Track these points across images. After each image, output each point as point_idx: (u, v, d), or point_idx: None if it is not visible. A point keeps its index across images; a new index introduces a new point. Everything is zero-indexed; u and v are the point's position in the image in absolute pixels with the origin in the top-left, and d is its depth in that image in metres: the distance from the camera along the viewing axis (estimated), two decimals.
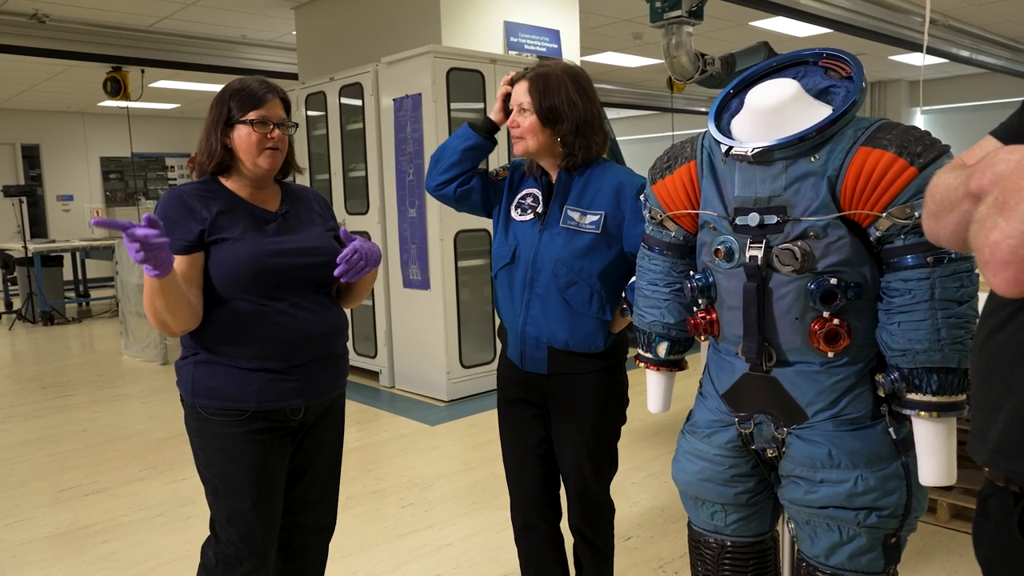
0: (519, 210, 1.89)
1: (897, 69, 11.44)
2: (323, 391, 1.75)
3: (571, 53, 5.81)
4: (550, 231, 1.82)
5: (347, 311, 1.84)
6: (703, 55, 4.84)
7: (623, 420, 1.94)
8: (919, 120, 12.67)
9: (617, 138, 7.25)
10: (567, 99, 1.77)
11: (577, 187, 1.83)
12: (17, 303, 9.37)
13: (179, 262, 1.60)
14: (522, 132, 1.80)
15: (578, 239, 1.79)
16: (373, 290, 5.28)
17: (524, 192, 1.91)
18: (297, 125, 1.82)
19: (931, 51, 8.25)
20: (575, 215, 1.81)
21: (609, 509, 1.98)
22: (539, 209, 1.86)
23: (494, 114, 1.91)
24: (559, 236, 1.81)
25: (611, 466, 1.94)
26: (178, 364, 1.73)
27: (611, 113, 13.02)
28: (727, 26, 7.75)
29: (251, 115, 1.67)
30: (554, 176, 1.87)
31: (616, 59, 9.40)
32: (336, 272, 1.67)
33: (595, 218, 1.79)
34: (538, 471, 1.96)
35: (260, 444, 1.68)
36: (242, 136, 1.67)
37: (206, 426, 1.68)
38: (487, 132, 1.90)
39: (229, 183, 1.73)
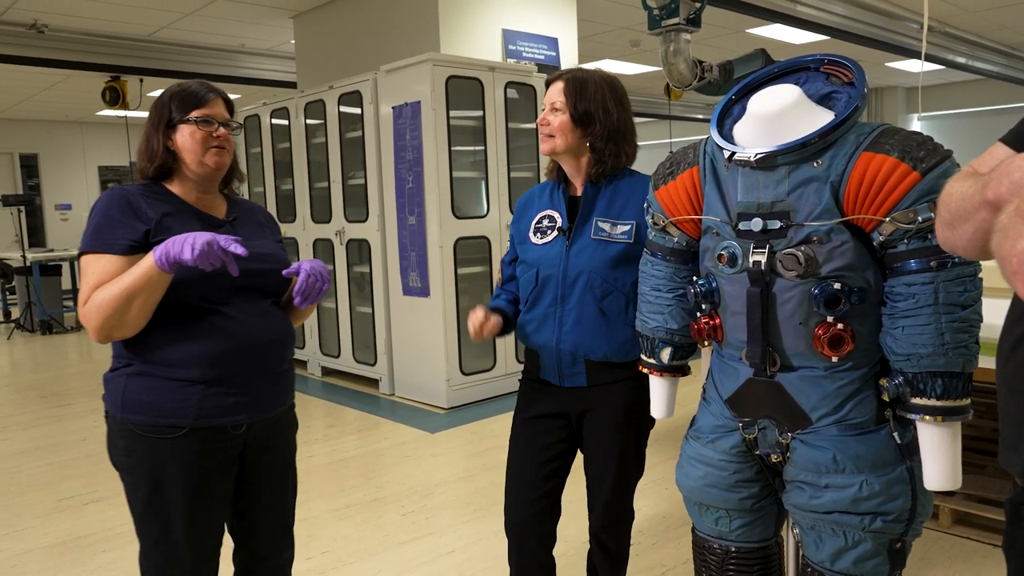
0: (538, 235, 1.87)
1: (893, 76, 11.49)
2: (267, 407, 1.65)
3: (569, 61, 5.82)
4: (578, 245, 1.80)
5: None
6: (701, 62, 4.85)
7: (652, 425, 1.93)
8: (916, 126, 12.71)
9: None
10: (602, 104, 1.78)
11: (605, 198, 1.81)
12: (16, 312, 9.37)
13: (121, 263, 1.50)
14: (552, 130, 1.79)
15: (610, 249, 1.77)
16: (373, 297, 5.29)
17: (539, 216, 1.89)
18: (242, 126, 1.76)
19: (928, 58, 8.29)
20: (606, 226, 1.79)
21: (631, 516, 1.97)
22: (560, 225, 1.84)
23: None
24: (588, 248, 1.79)
25: (638, 471, 1.94)
26: (107, 377, 1.61)
27: None
28: (725, 33, 7.78)
29: (194, 114, 1.61)
30: (579, 189, 1.85)
31: (614, 67, 9.42)
32: (296, 303, 1.61)
33: (627, 228, 1.78)
34: (543, 487, 1.90)
35: (197, 467, 1.56)
36: (185, 136, 1.61)
37: (136, 444, 1.56)
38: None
39: (173, 188, 1.65)
